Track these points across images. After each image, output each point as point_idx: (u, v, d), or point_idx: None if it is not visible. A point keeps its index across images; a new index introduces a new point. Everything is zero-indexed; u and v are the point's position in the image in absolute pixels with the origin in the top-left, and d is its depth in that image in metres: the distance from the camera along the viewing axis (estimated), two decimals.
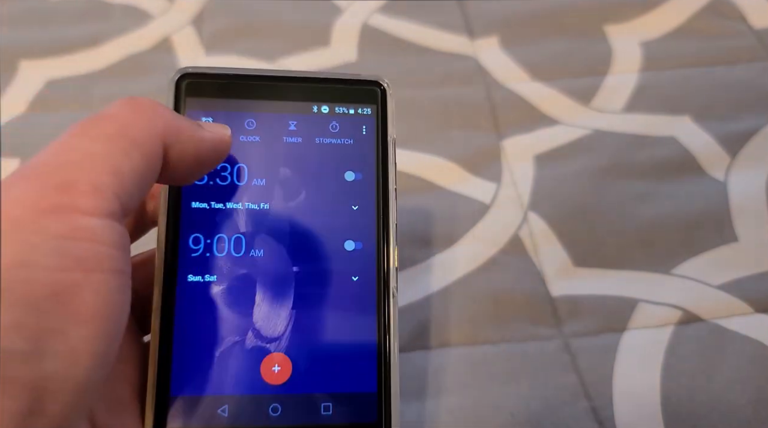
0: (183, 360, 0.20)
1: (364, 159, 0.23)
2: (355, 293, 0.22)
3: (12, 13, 0.46)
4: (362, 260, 0.22)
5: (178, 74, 0.23)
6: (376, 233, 0.22)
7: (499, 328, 0.30)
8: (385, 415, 0.21)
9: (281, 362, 0.21)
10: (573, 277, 0.32)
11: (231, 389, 0.20)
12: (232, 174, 0.22)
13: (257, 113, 0.23)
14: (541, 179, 0.36)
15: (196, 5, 0.46)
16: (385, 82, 0.24)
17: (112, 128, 0.17)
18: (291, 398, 0.21)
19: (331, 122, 0.23)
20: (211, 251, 0.21)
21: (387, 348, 0.21)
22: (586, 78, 0.41)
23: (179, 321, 0.21)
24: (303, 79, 0.24)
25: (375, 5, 0.46)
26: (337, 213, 0.22)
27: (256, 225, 0.22)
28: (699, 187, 0.35)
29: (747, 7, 0.45)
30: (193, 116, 0.22)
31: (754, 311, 0.31)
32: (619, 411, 0.28)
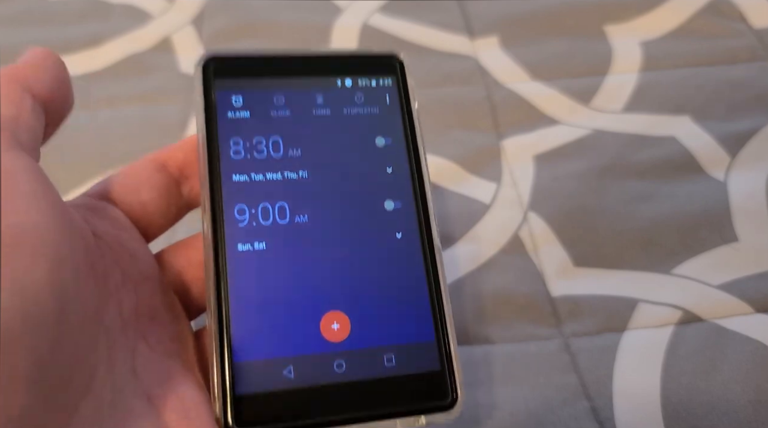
0: (242, 326, 0.21)
1: (392, 125, 0.24)
2: (401, 248, 0.22)
3: (11, 13, 0.46)
4: (403, 217, 0.23)
5: (203, 59, 0.23)
6: (412, 192, 0.23)
7: (499, 328, 0.30)
8: (448, 362, 0.21)
9: (340, 319, 0.21)
10: (573, 277, 0.32)
11: (294, 350, 0.21)
12: (267, 147, 0.23)
13: (285, 90, 0.24)
14: (541, 179, 0.36)
15: (196, 5, 0.46)
16: (402, 56, 0.25)
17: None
18: (353, 353, 0.21)
19: (356, 93, 0.24)
20: (257, 220, 0.22)
21: (440, 298, 0.22)
22: (586, 78, 0.41)
23: (234, 289, 0.21)
24: (324, 57, 0.25)
25: (375, 5, 0.46)
26: (373, 176, 0.23)
27: (297, 193, 0.22)
28: (699, 187, 0.35)
29: (747, 7, 0.45)
30: (223, 95, 0.23)
31: (754, 311, 0.31)
32: (619, 411, 0.28)
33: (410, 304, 0.22)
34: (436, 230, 0.23)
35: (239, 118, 0.23)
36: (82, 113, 0.40)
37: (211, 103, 0.23)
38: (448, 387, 0.21)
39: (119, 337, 0.18)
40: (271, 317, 0.21)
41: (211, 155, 0.22)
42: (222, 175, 0.22)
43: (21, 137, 0.18)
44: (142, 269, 0.21)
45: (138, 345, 0.19)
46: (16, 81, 0.19)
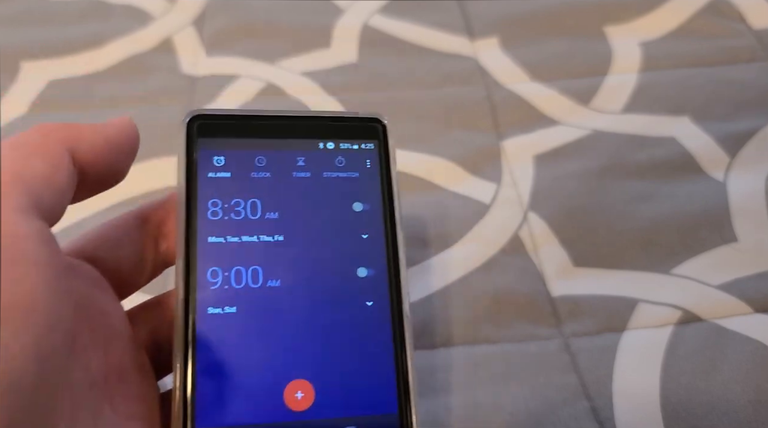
0: (207, 391, 0.21)
1: (370, 190, 0.24)
2: (371, 317, 0.22)
3: (13, 14, 0.46)
4: (375, 286, 0.23)
5: (188, 116, 0.23)
6: (386, 260, 0.23)
7: (499, 328, 0.31)
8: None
9: (304, 388, 0.21)
10: (573, 277, 0.32)
11: (256, 417, 0.21)
12: (245, 209, 0.23)
13: (267, 151, 0.24)
14: (541, 180, 0.36)
15: (197, 6, 0.46)
16: (384, 119, 0.25)
17: (9, 143, 0.18)
18: (315, 423, 0.21)
19: (337, 157, 0.24)
20: (229, 284, 0.22)
21: (405, 369, 0.22)
22: (586, 78, 0.41)
23: (201, 352, 0.21)
24: (308, 119, 0.25)
25: (375, 6, 0.46)
26: (347, 242, 0.23)
27: (272, 256, 0.22)
28: (699, 187, 0.36)
29: (746, 7, 0.45)
30: (205, 155, 0.23)
31: (754, 311, 0.31)
32: (619, 411, 0.28)
33: (375, 375, 0.22)
34: (407, 299, 0.23)
35: (219, 178, 0.23)
36: (82, 113, 0.40)
37: (192, 162, 0.23)
38: None
39: (84, 398, 0.18)
40: (236, 384, 0.21)
41: (189, 214, 0.22)
42: (198, 235, 0.22)
43: (45, 198, 0.18)
44: (113, 328, 0.20)
45: (102, 407, 0.19)
46: (61, 139, 0.19)
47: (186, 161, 0.23)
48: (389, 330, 0.22)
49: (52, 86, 0.41)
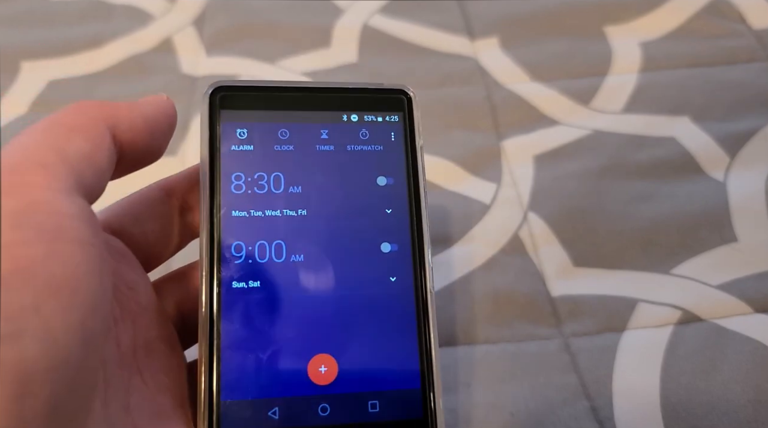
0: (231, 365, 0.21)
1: (395, 164, 0.24)
2: (394, 293, 0.22)
3: (13, 14, 0.46)
4: (398, 261, 0.23)
5: (211, 88, 0.23)
6: (410, 235, 0.23)
7: (499, 328, 0.31)
8: (430, 411, 0.21)
9: (327, 362, 0.21)
10: (573, 277, 0.32)
11: (280, 391, 0.21)
12: (268, 182, 0.23)
13: (290, 124, 0.24)
14: (541, 180, 0.36)
15: (198, 6, 0.46)
16: (410, 91, 0.25)
17: (49, 121, 0.18)
18: (339, 397, 0.21)
19: (361, 129, 0.24)
20: (253, 258, 0.22)
21: (428, 345, 0.22)
22: (586, 78, 0.41)
23: (225, 326, 0.21)
24: (332, 90, 0.24)
25: (375, 6, 0.46)
26: (371, 217, 0.23)
27: (295, 231, 0.22)
28: (699, 187, 0.36)
29: (746, 7, 0.45)
30: (228, 127, 0.23)
31: (754, 311, 0.31)
32: (618, 410, 0.28)
33: (399, 351, 0.22)
34: (431, 275, 0.23)
35: (243, 151, 0.23)
36: None
37: (215, 135, 0.23)
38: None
39: (116, 372, 0.18)
40: (260, 358, 0.21)
41: (212, 188, 0.22)
42: (222, 209, 0.22)
43: (86, 178, 0.18)
44: (141, 301, 0.21)
45: (133, 380, 0.19)
46: (101, 117, 0.19)
47: (209, 134, 0.23)
48: (413, 305, 0.22)
49: (52, 86, 0.41)
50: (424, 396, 0.21)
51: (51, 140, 0.17)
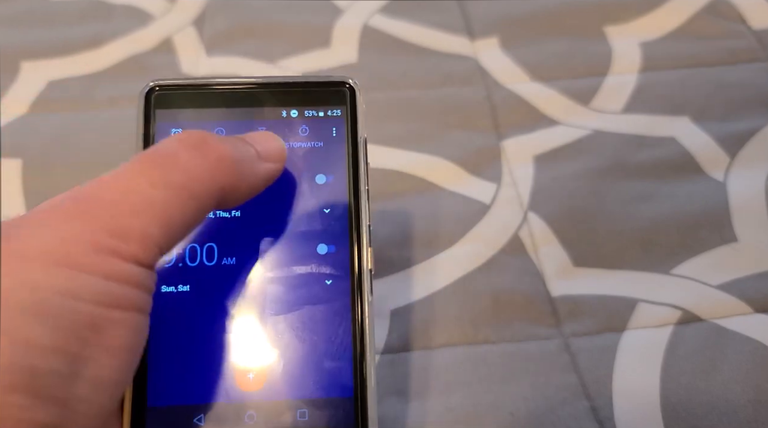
0: (159, 370, 0.20)
1: (335, 161, 0.23)
2: (330, 297, 0.21)
3: (13, 14, 0.46)
4: (335, 263, 0.22)
5: (147, 87, 0.23)
6: (348, 236, 0.22)
7: (499, 328, 0.31)
8: (362, 421, 0.20)
9: (256, 368, 0.21)
10: (573, 277, 0.32)
11: (207, 397, 0.20)
12: None
13: (226, 122, 0.23)
14: (541, 180, 0.36)
15: (198, 6, 0.46)
16: (352, 82, 0.23)
17: (175, 177, 0.18)
18: (266, 404, 0.20)
19: (301, 125, 0.23)
20: (183, 261, 0.21)
21: (363, 352, 0.21)
22: (586, 78, 0.41)
23: (153, 331, 0.20)
24: (270, 85, 0.24)
25: (375, 6, 0.46)
26: (308, 217, 0.22)
27: (228, 233, 0.22)
28: (699, 187, 0.36)
29: (746, 7, 0.45)
30: (163, 127, 0.22)
31: (754, 311, 0.31)
32: (618, 410, 0.28)
33: (331, 357, 0.21)
34: (369, 278, 0.22)
35: None
36: (83, 113, 0.40)
37: (149, 135, 0.22)
38: None
39: None
40: (188, 363, 0.21)
41: None
42: None
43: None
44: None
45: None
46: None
47: (143, 134, 0.22)
48: (348, 311, 0.21)
49: (52, 86, 0.41)
50: (355, 405, 0.21)
51: (167, 208, 0.17)
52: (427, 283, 0.32)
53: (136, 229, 0.17)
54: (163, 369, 0.20)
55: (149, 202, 0.17)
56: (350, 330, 0.21)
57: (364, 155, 0.23)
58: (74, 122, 0.39)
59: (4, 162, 0.37)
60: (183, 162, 0.18)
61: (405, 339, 0.30)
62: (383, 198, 0.35)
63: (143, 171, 0.18)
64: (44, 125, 0.39)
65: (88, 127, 0.39)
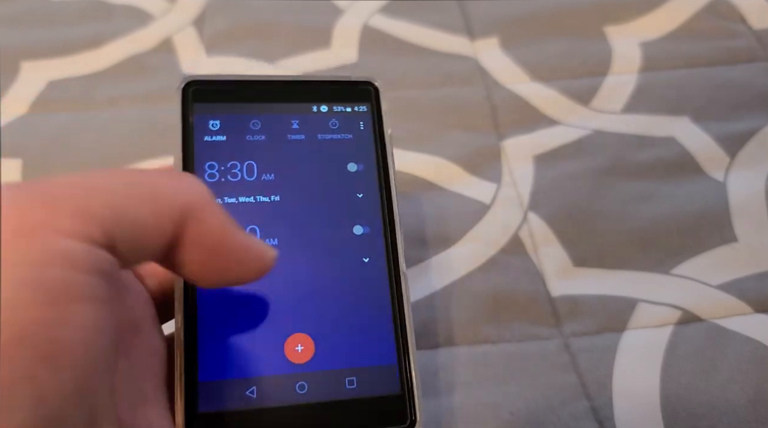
0: (208, 345, 0.21)
1: (364, 151, 0.25)
2: (368, 273, 0.23)
3: (13, 14, 0.46)
4: (371, 242, 0.23)
5: (183, 82, 0.24)
6: (381, 218, 0.24)
7: (499, 328, 0.31)
8: (408, 386, 0.22)
9: (304, 341, 0.22)
10: (573, 277, 0.32)
11: (257, 371, 0.21)
12: (241, 171, 0.23)
13: (261, 115, 0.24)
14: (541, 180, 0.36)
15: (198, 6, 0.46)
16: (377, 82, 0.26)
17: (134, 176, 0.17)
18: (316, 375, 0.21)
19: (331, 119, 0.25)
20: None
21: (403, 322, 0.22)
22: (586, 78, 0.41)
23: (202, 308, 0.21)
24: (302, 83, 0.26)
25: (375, 6, 0.46)
26: (343, 201, 0.24)
27: (269, 216, 0.23)
28: (699, 187, 0.36)
29: (746, 7, 0.45)
30: (200, 119, 0.24)
31: (754, 311, 0.31)
32: (618, 410, 0.28)
33: (374, 328, 0.22)
34: (403, 255, 0.23)
35: (215, 141, 0.24)
36: (83, 113, 0.40)
37: (188, 126, 0.23)
38: (407, 411, 0.21)
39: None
40: (237, 338, 0.21)
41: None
42: None
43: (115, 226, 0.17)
44: (128, 283, 0.21)
45: (120, 363, 0.19)
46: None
47: (182, 126, 0.23)
48: (386, 284, 0.23)
49: (52, 86, 0.41)
50: (400, 371, 0.22)
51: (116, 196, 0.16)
52: (427, 283, 0.32)
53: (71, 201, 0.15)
54: (214, 344, 0.21)
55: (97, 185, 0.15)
56: (389, 302, 0.23)
57: (390, 146, 0.25)
58: (74, 122, 0.39)
59: (4, 162, 0.37)
60: (149, 171, 0.17)
61: None
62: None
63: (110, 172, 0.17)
64: (44, 125, 0.39)
65: (88, 127, 0.39)
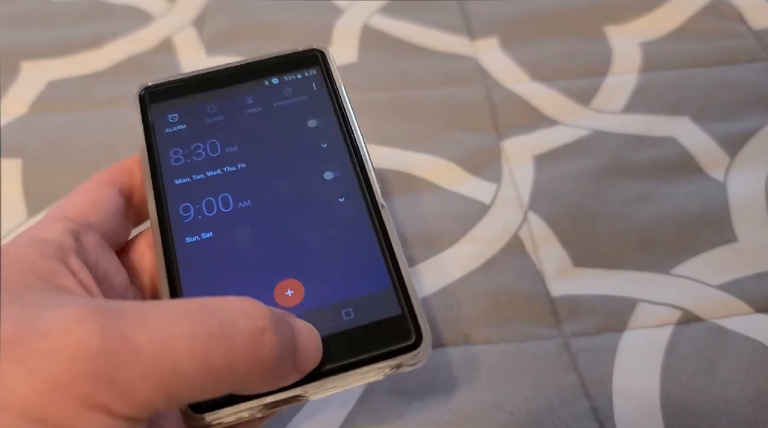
0: None
1: (321, 107, 0.26)
2: (346, 210, 0.23)
3: (14, 14, 0.46)
4: (343, 184, 0.24)
5: (139, 90, 0.26)
6: (350, 161, 0.24)
7: (499, 328, 0.31)
8: (407, 305, 0.21)
9: (293, 285, 0.22)
10: (573, 277, 0.32)
11: None
12: (205, 150, 0.25)
13: (216, 100, 0.26)
14: (541, 180, 0.36)
15: (198, 6, 0.46)
16: (323, 48, 0.27)
17: (220, 350, 0.16)
18: (310, 313, 0.21)
19: (284, 88, 0.26)
20: (202, 214, 0.23)
21: (390, 247, 0.22)
22: (586, 78, 0.41)
23: (186, 276, 0.22)
24: (249, 64, 0.27)
25: (375, 6, 0.46)
26: (309, 153, 0.25)
27: (238, 183, 0.24)
28: (699, 187, 0.36)
29: (746, 7, 0.45)
30: (160, 116, 0.25)
31: (754, 311, 0.31)
32: (618, 410, 0.28)
33: (362, 258, 0.22)
34: (378, 189, 0.24)
35: (176, 131, 0.25)
36: (83, 113, 0.40)
37: (149, 125, 0.25)
38: (411, 329, 0.21)
39: None
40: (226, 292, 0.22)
41: (152, 165, 0.24)
42: (164, 180, 0.24)
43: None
44: (118, 285, 0.21)
45: None
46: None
47: (143, 126, 0.25)
48: (366, 217, 0.23)
49: (52, 86, 0.41)
50: (396, 292, 0.22)
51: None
52: (427, 283, 0.32)
53: (139, 390, 0.14)
54: None
55: (175, 369, 0.15)
56: (373, 232, 0.23)
57: (347, 99, 0.26)
58: (74, 122, 0.39)
59: (4, 162, 0.37)
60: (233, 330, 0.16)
61: None
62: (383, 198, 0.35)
63: (195, 330, 0.15)
64: (44, 125, 0.39)
65: (88, 127, 0.39)
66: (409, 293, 0.21)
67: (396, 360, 0.20)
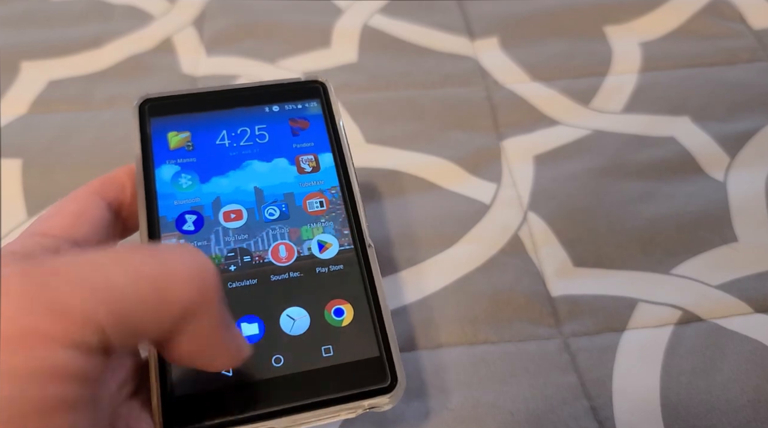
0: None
1: (319, 139, 0.27)
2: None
3: (14, 14, 0.46)
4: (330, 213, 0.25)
5: (140, 101, 0.26)
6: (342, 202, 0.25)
7: (499, 328, 0.31)
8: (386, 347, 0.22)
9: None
10: (573, 277, 0.32)
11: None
12: (199, 167, 0.25)
13: (217, 120, 0.26)
14: (541, 180, 0.36)
15: (197, 6, 0.46)
16: (326, 80, 0.28)
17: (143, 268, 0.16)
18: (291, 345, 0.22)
19: (284, 116, 0.27)
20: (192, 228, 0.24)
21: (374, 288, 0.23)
22: (586, 78, 0.41)
23: None
24: (253, 89, 0.27)
25: (375, 6, 0.46)
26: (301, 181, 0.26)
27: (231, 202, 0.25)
28: (698, 187, 0.36)
29: (746, 7, 0.45)
30: (158, 129, 0.26)
31: (754, 311, 0.31)
32: (618, 410, 0.28)
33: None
34: (366, 229, 0.24)
35: (172, 145, 0.25)
36: (83, 113, 0.40)
37: (146, 136, 0.25)
38: (387, 371, 0.22)
39: None
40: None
41: (146, 178, 0.24)
42: (157, 193, 0.24)
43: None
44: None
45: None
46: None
47: (140, 136, 0.25)
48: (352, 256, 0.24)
49: (52, 86, 0.41)
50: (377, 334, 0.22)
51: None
52: (427, 283, 0.32)
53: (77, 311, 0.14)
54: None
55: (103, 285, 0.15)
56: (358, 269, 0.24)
57: (344, 132, 0.27)
58: (74, 122, 0.39)
59: (4, 162, 0.37)
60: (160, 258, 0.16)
61: (405, 340, 0.30)
62: (383, 198, 0.35)
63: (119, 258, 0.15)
64: (44, 125, 0.39)
65: (88, 127, 0.39)
66: (388, 335, 0.22)
67: (370, 401, 0.21)
